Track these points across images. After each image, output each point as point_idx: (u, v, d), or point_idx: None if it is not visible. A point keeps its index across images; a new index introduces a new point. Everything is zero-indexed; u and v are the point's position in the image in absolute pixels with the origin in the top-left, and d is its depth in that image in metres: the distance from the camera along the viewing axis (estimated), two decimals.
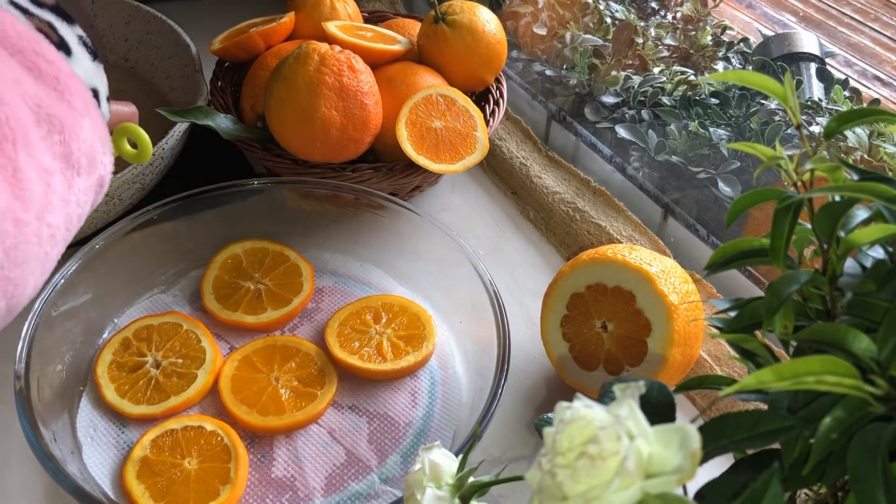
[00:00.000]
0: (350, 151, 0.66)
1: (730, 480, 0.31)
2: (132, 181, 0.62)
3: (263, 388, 0.57)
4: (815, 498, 0.36)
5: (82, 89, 0.41)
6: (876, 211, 0.33)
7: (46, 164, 0.37)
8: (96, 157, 0.41)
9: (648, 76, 0.83)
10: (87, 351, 0.59)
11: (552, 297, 0.58)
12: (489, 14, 0.74)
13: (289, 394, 0.57)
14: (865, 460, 0.26)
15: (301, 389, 0.57)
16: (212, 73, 0.76)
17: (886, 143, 0.70)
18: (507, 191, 0.79)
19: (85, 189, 0.41)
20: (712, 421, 0.31)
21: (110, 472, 0.53)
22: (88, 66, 0.44)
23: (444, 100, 0.68)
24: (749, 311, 0.36)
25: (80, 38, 0.43)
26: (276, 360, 0.59)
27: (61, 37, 0.42)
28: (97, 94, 0.44)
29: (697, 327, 0.55)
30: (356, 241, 0.68)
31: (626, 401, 0.29)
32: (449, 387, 0.60)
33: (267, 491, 0.53)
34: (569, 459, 0.28)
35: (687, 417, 0.60)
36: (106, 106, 0.45)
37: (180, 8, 0.91)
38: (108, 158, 0.43)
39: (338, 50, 0.65)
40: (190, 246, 0.65)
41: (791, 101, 0.34)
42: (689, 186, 0.74)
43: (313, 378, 0.58)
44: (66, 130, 0.39)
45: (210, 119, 0.68)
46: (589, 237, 0.71)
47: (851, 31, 0.96)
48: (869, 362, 0.28)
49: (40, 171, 0.37)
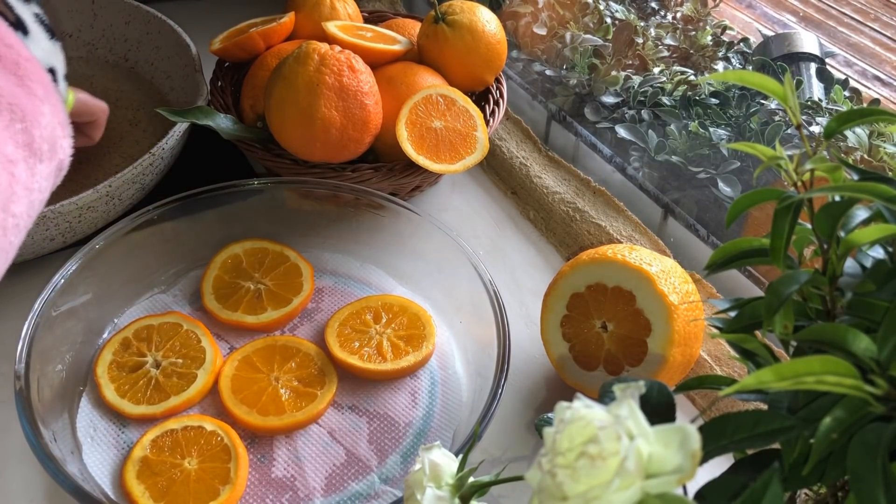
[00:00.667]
0: (350, 151, 0.66)
1: (730, 480, 0.31)
2: (132, 181, 0.63)
3: (263, 388, 0.57)
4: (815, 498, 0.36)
5: (42, 73, 0.41)
6: (876, 211, 0.33)
7: (9, 153, 0.37)
8: (56, 142, 0.41)
9: (648, 76, 0.83)
10: (87, 351, 0.59)
11: (552, 297, 0.58)
12: (489, 14, 0.74)
13: (289, 394, 0.57)
14: (865, 460, 0.26)
15: (301, 389, 0.57)
16: (212, 73, 0.76)
17: (886, 143, 0.70)
18: (507, 191, 0.79)
19: (46, 175, 0.40)
20: (712, 421, 0.31)
21: (110, 472, 0.53)
22: (46, 46, 0.42)
23: (444, 100, 0.68)
24: (749, 311, 0.36)
25: (37, 15, 0.42)
26: (276, 360, 0.59)
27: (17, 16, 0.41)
28: (55, 73, 0.43)
29: (697, 327, 0.55)
30: (356, 241, 0.68)
31: (626, 401, 0.29)
32: (449, 387, 0.60)
33: (267, 491, 0.53)
34: (569, 459, 0.28)
35: (687, 417, 0.60)
36: (64, 84, 0.44)
37: (180, 8, 0.91)
38: (68, 142, 0.43)
39: (338, 50, 0.65)
40: (190, 246, 0.65)
41: (791, 101, 0.34)
42: (689, 186, 0.74)
43: (313, 378, 0.58)
44: (28, 118, 0.38)
45: (210, 119, 0.68)
46: (589, 237, 0.71)
47: (851, 31, 0.96)
48: (869, 362, 0.28)
49: (4, 161, 0.36)
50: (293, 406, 0.56)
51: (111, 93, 0.82)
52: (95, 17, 0.84)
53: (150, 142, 0.76)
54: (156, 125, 0.78)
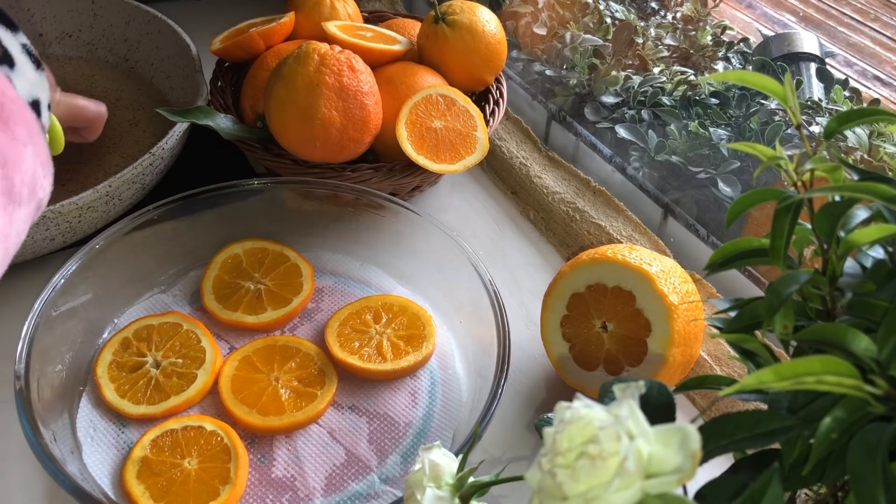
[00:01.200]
0: (350, 151, 0.66)
1: (730, 480, 0.31)
2: (132, 181, 0.63)
3: (263, 388, 0.57)
4: (815, 498, 0.36)
5: (26, 113, 0.40)
6: (876, 211, 0.33)
7: None
8: (37, 184, 0.40)
9: (648, 76, 0.83)
10: (87, 351, 0.59)
11: (552, 297, 0.58)
12: (489, 14, 0.74)
13: (289, 394, 0.57)
14: (865, 460, 0.26)
15: (301, 389, 0.57)
16: (212, 73, 0.76)
17: (886, 143, 0.70)
18: (507, 191, 0.79)
19: (24, 218, 0.40)
20: (712, 421, 0.31)
21: (110, 472, 0.53)
22: (32, 77, 0.42)
23: (444, 100, 0.68)
24: (749, 311, 0.36)
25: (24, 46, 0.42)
26: (276, 360, 0.59)
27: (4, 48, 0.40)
28: (38, 106, 0.42)
29: (697, 327, 0.55)
30: (356, 241, 0.68)
31: (626, 401, 0.29)
32: (449, 387, 0.60)
33: (267, 491, 0.53)
34: (569, 459, 0.28)
35: (687, 417, 0.60)
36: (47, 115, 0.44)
37: (180, 8, 0.91)
38: (48, 181, 0.42)
39: (338, 50, 0.65)
40: (190, 246, 0.65)
41: (791, 101, 0.34)
42: (689, 186, 0.74)
43: (313, 378, 0.58)
44: (9, 164, 0.37)
45: (210, 119, 0.68)
46: (589, 237, 0.71)
47: (851, 31, 0.96)
48: (869, 362, 0.28)
49: None
50: (293, 406, 0.56)
51: (111, 93, 0.82)
52: (95, 17, 0.84)
53: (150, 142, 0.76)
54: (156, 125, 0.78)
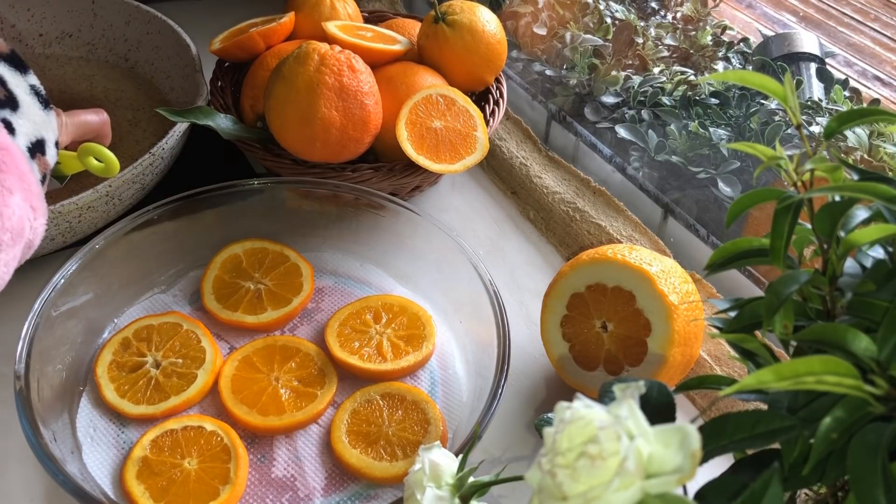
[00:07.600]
0: (350, 151, 0.66)
1: (730, 480, 0.31)
2: (132, 181, 0.63)
3: (263, 388, 0.57)
4: (815, 498, 0.36)
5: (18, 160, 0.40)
6: (876, 211, 0.33)
7: None
8: (24, 227, 0.40)
9: (648, 76, 0.83)
10: (87, 351, 0.59)
11: (552, 297, 0.58)
12: (489, 14, 0.74)
13: (289, 394, 0.57)
14: (865, 460, 0.26)
15: (301, 389, 0.57)
16: (212, 73, 0.76)
17: (886, 143, 0.70)
18: (507, 191, 0.79)
19: (8, 261, 0.40)
20: (712, 421, 0.31)
21: (110, 472, 0.53)
22: (37, 117, 0.42)
23: (444, 100, 0.68)
24: (749, 311, 0.36)
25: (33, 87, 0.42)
26: (276, 360, 0.59)
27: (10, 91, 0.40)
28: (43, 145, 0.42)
29: (697, 327, 0.55)
30: (356, 241, 0.68)
31: (626, 401, 0.29)
32: (449, 387, 0.60)
33: (267, 491, 0.53)
34: (569, 459, 0.28)
35: (687, 417, 0.60)
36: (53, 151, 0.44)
37: (180, 8, 0.91)
38: (41, 221, 0.42)
39: (338, 50, 0.65)
40: (190, 246, 0.65)
41: (791, 101, 0.34)
42: (689, 186, 0.74)
43: (313, 378, 0.58)
44: None
45: (210, 119, 0.68)
46: (589, 237, 0.71)
47: (851, 31, 0.96)
48: (869, 362, 0.28)
49: None
50: (293, 406, 0.56)
51: (111, 93, 0.82)
52: (95, 17, 0.84)
53: (150, 142, 0.76)
54: (156, 125, 0.78)
